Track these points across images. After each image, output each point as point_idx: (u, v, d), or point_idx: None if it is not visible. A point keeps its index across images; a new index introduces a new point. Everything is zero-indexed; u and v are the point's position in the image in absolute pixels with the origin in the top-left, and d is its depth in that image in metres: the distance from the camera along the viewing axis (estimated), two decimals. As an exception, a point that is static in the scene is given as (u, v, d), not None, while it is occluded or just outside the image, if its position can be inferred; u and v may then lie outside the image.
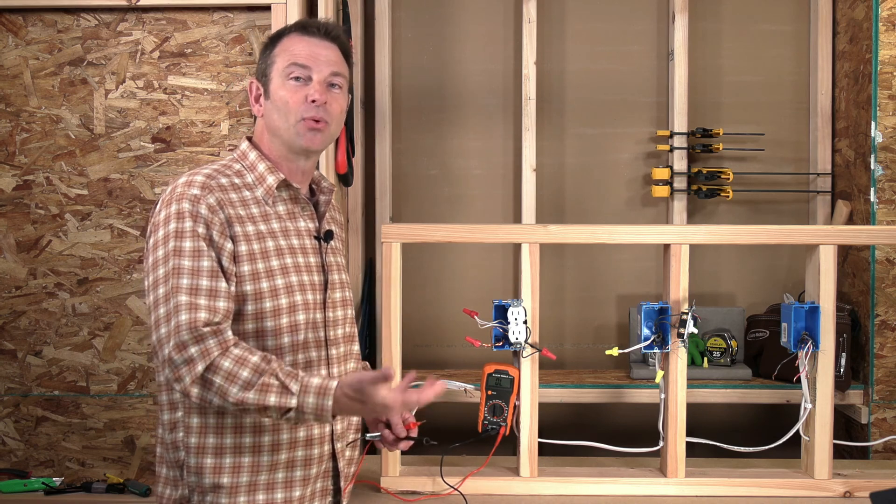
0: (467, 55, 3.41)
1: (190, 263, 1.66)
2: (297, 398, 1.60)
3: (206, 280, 1.66)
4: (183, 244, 1.67)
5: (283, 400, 1.60)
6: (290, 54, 1.78)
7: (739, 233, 2.37)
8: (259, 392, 1.60)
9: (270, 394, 1.60)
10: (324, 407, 1.60)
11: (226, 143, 2.77)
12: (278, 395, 1.60)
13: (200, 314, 1.62)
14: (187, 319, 1.62)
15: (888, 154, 2.90)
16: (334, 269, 1.86)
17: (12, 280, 2.80)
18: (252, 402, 1.60)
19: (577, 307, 3.41)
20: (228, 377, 1.60)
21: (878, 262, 2.91)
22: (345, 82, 1.82)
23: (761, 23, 3.38)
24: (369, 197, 3.36)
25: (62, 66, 2.78)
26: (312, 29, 1.81)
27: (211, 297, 1.65)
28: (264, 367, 1.62)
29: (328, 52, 1.80)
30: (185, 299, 1.63)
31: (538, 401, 2.30)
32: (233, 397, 1.60)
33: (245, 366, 1.61)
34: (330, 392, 1.60)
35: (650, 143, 3.39)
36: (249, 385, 1.60)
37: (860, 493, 2.28)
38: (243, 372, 1.61)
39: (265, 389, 1.60)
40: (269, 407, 1.61)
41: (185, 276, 1.65)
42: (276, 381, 1.61)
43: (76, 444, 2.83)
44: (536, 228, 2.34)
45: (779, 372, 2.82)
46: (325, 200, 1.90)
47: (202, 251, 1.67)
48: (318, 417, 1.62)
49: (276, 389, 1.61)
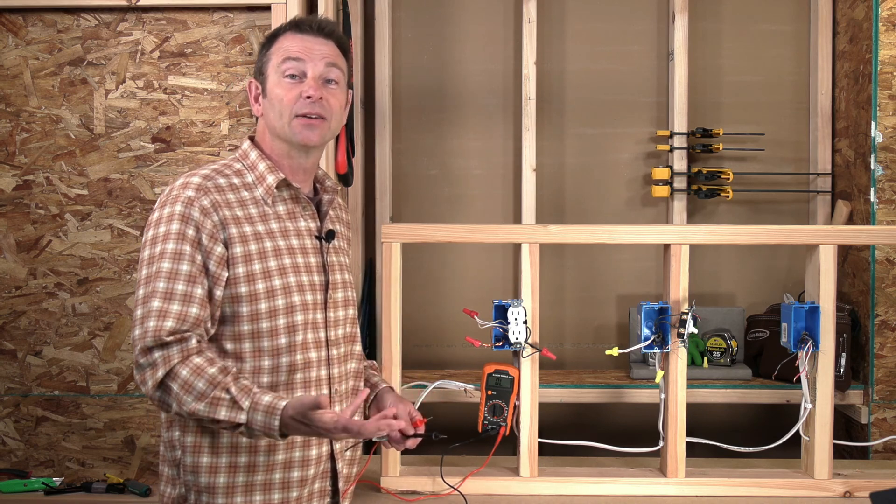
0: (467, 55, 3.41)
1: (169, 266, 1.67)
2: (246, 414, 1.61)
3: (183, 285, 1.66)
4: (166, 246, 1.68)
5: (232, 415, 1.61)
6: (285, 50, 1.79)
7: (739, 233, 2.37)
8: (210, 405, 1.61)
9: (221, 407, 1.61)
10: (270, 426, 1.60)
11: (226, 143, 2.77)
12: (228, 410, 1.61)
13: (167, 323, 1.64)
14: (154, 327, 1.64)
15: (888, 154, 2.89)
16: (336, 268, 1.86)
17: (12, 280, 2.80)
18: (203, 414, 1.61)
19: (577, 307, 3.41)
20: (184, 386, 1.62)
21: (878, 262, 2.91)
22: (342, 76, 1.82)
23: (761, 23, 3.38)
24: (369, 197, 3.35)
25: (62, 66, 2.77)
26: (305, 26, 1.81)
27: (184, 303, 1.66)
28: (220, 380, 1.62)
29: (323, 47, 1.80)
30: (156, 305, 1.65)
31: (538, 401, 2.30)
32: (186, 407, 1.62)
33: (201, 377, 1.62)
34: (277, 412, 1.60)
35: (650, 143, 3.39)
36: (203, 396, 1.61)
37: (860, 493, 2.28)
38: (198, 383, 1.62)
39: (216, 403, 1.61)
40: (220, 420, 1.61)
41: (161, 280, 1.66)
42: (228, 395, 1.62)
43: (76, 444, 2.83)
44: (536, 228, 2.34)
45: (779, 372, 2.81)
46: (327, 200, 1.89)
47: (184, 254, 1.68)
48: (268, 435, 1.62)
49: (227, 404, 1.61)
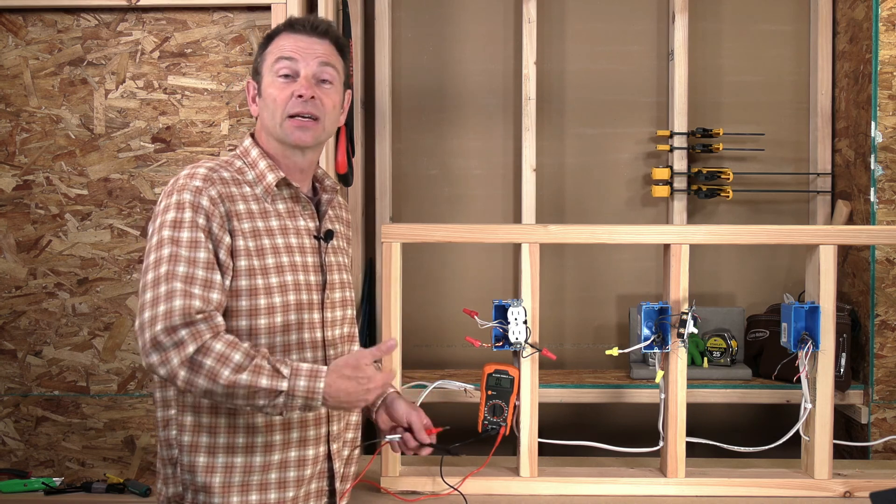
0: (467, 55, 3.40)
1: (187, 253, 1.66)
2: (287, 381, 1.60)
3: (202, 271, 1.66)
4: (181, 234, 1.67)
5: (274, 382, 1.59)
6: (279, 50, 1.80)
7: (739, 233, 2.37)
8: (251, 373, 1.59)
9: (262, 376, 1.59)
10: (314, 389, 1.60)
11: (226, 144, 2.77)
12: (269, 378, 1.59)
13: (195, 302, 1.62)
14: (181, 305, 1.61)
15: (888, 154, 2.89)
16: (334, 268, 1.86)
17: (12, 280, 2.80)
18: (244, 384, 1.58)
19: (577, 307, 3.41)
20: (220, 359, 1.59)
21: (878, 262, 2.91)
22: (336, 75, 1.82)
23: (761, 23, 3.38)
24: (369, 197, 3.35)
25: (62, 66, 2.77)
26: (300, 26, 1.82)
27: (205, 288, 1.65)
28: (254, 353, 1.62)
29: (317, 47, 1.80)
30: (180, 286, 1.63)
31: (538, 401, 2.30)
32: (224, 379, 1.58)
33: (237, 349, 1.61)
34: (321, 374, 1.61)
35: (650, 143, 3.39)
36: (241, 367, 1.59)
37: (860, 493, 2.28)
38: (235, 355, 1.60)
39: (257, 371, 1.59)
40: (261, 390, 1.59)
41: (181, 265, 1.65)
42: (268, 363, 1.61)
43: (76, 444, 2.83)
44: (536, 228, 2.34)
45: (779, 372, 2.82)
46: (326, 199, 1.90)
47: (199, 242, 1.67)
48: (308, 402, 1.61)
49: (268, 372, 1.60)
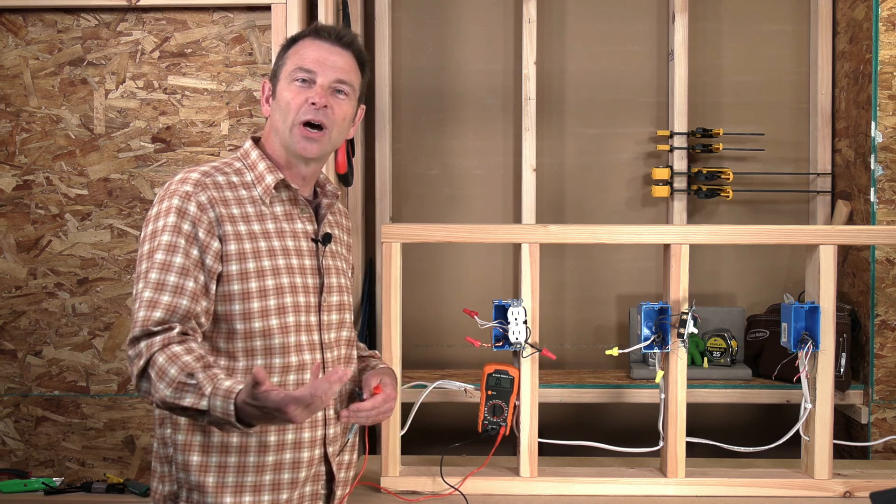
0: (467, 55, 3.40)
1: (163, 258, 1.67)
2: (207, 400, 1.55)
3: (175, 276, 1.66)
4: (162, 238, 1.69)
5: (195, 401, 1.56)
6: (299, 57, 1.79)
7: (739, 233, 2.37)
8: (176, 391, 1.57)
9: (187, 394, 1.56)
10: (227, 411, 1.53)
11: (226, 144, 2.77)
12: (193, 396, 1.56)
13: (156, 313, 1.63)
14: (143, 317, 1.64)
15: (888, 154, 2.89)
16: (332, 272, 1.85)
17: (12, 280, 2.80)
18: (171, 402, 1.57)
19: (577, 307, 3.41)
20: (159, 373, 1.59)
21: (878, 262, 2.91)
22: (352, 90, 1.81)
23: (761, 23, 3.38)
24: (369, 197, 3.35)
25: (62, 66, 2.77)
26: (325, 34, 1.81)
27: (175, 295, 1.65)
28: (191, 367, 1.57)
29: (338, 59, 1.80)
30: (147, 296, 1.65)
31: (538, 401, 2.30)
32: (158, 394, 1.58)
33: (175, 363, 1.58)
34: (232, 396, 1.54)
35: (650, 143, 3.39)
36: (172, 383, 1.58)
37: (860, 493, 2.28)
38: (171, 369, 1.58)
39: (182, 388, 1.57)
40: (186, 408, 1.57)
41: (154, 271, 1.66)
42: (194, 381, 1.56)
43: (76, 444, 2.83)
44: (536, 228, 2.34)
45: (779, 372, 2.81)
46: (326, 203, 1.89)
47: (178, 247, 1.68)
48: (226, 422, 1.55)
49: (192, 389, 1.56)
